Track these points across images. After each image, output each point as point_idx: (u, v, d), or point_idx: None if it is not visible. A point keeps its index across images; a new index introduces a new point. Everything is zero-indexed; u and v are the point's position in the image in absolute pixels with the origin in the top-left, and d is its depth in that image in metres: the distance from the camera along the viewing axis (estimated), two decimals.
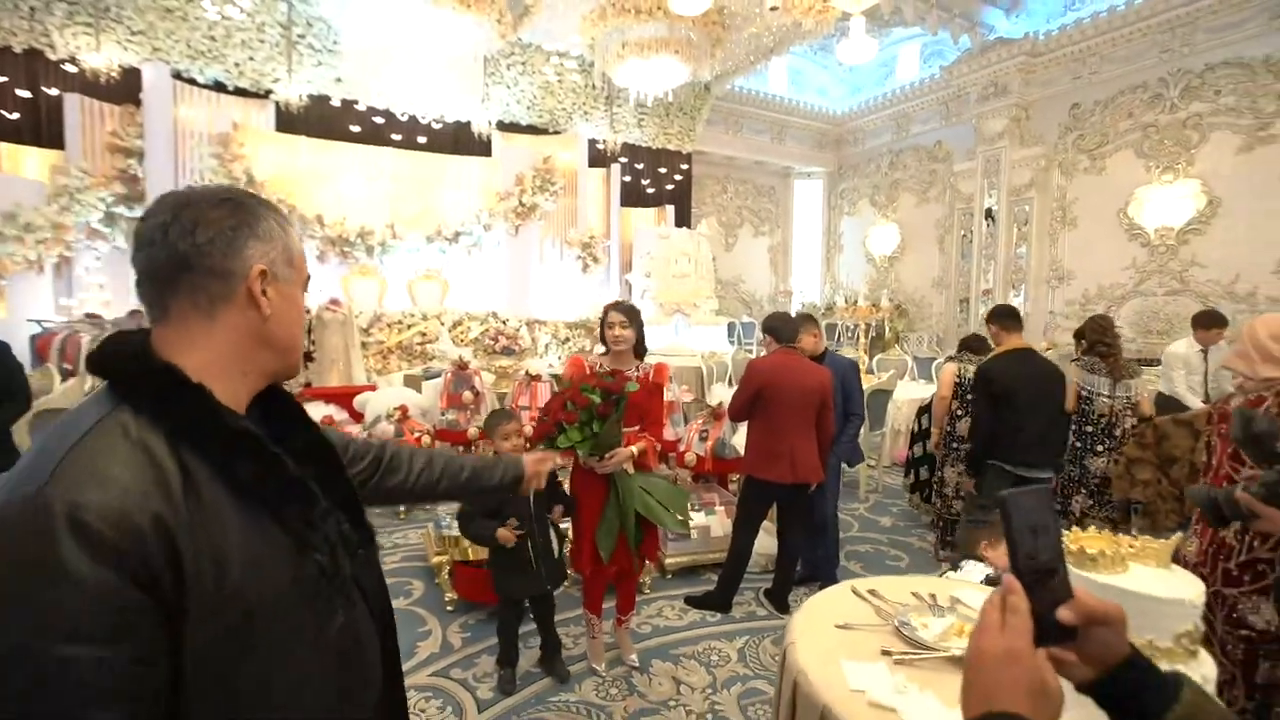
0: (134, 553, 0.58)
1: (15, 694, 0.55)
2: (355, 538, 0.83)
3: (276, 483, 0.71)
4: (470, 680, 2.41)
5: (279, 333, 0.77)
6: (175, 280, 0.71)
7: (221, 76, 7.44)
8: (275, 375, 0.80)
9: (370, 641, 0.82)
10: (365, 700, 0.81)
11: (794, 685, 1.27)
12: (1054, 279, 9.44)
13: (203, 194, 0.75)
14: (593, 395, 2.26)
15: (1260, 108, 7.34)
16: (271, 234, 0.76)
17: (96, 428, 0.64)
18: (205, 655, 0.62)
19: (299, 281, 0.80)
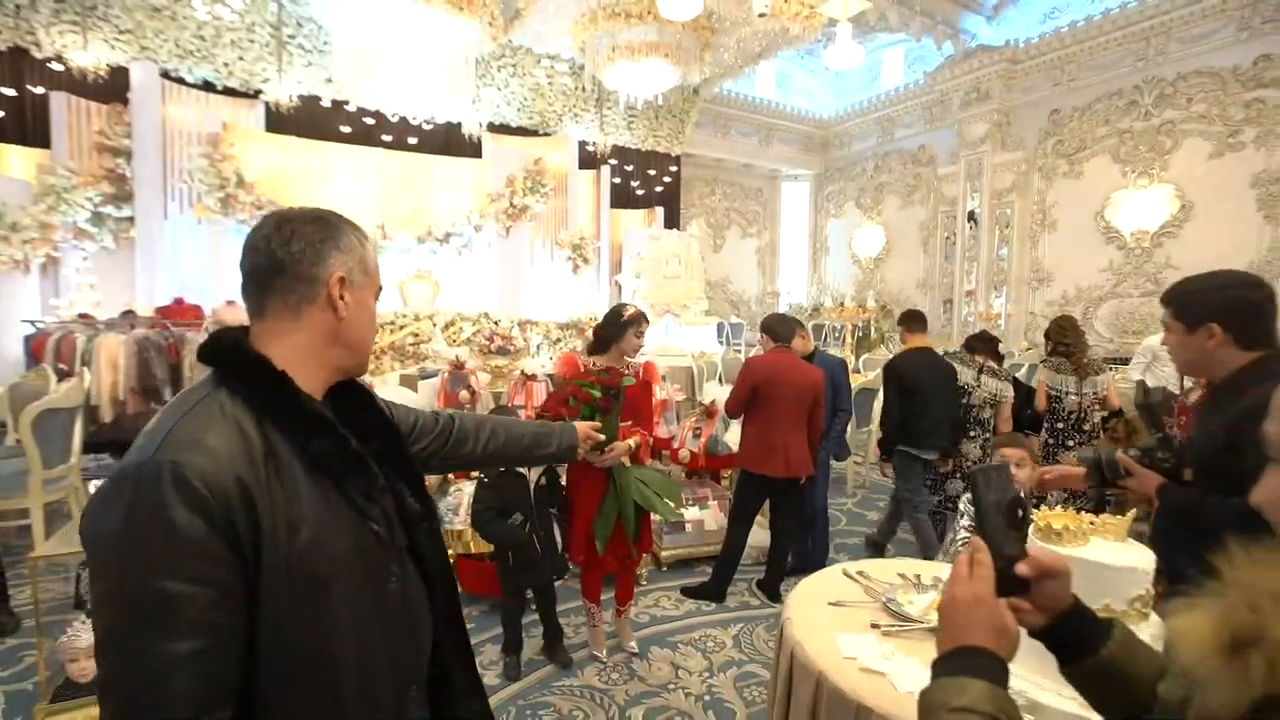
0: (220, 505, 0.70)
1: (125, 612, 0.68)
2: (418, 510, 0.94)
3: (342, 460, 0.82)
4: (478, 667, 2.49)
5: (351, 333, 0.88)
6: (271, 282, 0.85)
7: (211, 76, 7.42)
8: (347, 370, 0.91)
9: (419, 607, 0.91)
10: (417, 667, 0.91)
11: (791, 655, 1.38)
12: (1034, 280, 9.67)
13: (299, 213, 0.90)
14: (593, 390, 2.35)
15: (1229, 115, 7.60)
16: (351, 247, 0.89)
17: (199, 405, 0.77)
18: (278, 605, 0.73)
19: (372, 288, 0.92)
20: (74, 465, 3.81)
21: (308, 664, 0.75)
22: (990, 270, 9.97)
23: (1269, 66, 7.26)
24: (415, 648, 0.91)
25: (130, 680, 0.67)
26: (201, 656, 0.68)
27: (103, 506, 0.71)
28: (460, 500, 3.44)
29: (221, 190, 7.25)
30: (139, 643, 0.67)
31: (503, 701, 2.29)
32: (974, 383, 3.70)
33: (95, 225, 6.80)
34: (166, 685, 0.66)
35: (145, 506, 0.68)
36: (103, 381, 4.97)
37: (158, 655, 0.66)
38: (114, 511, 0.69)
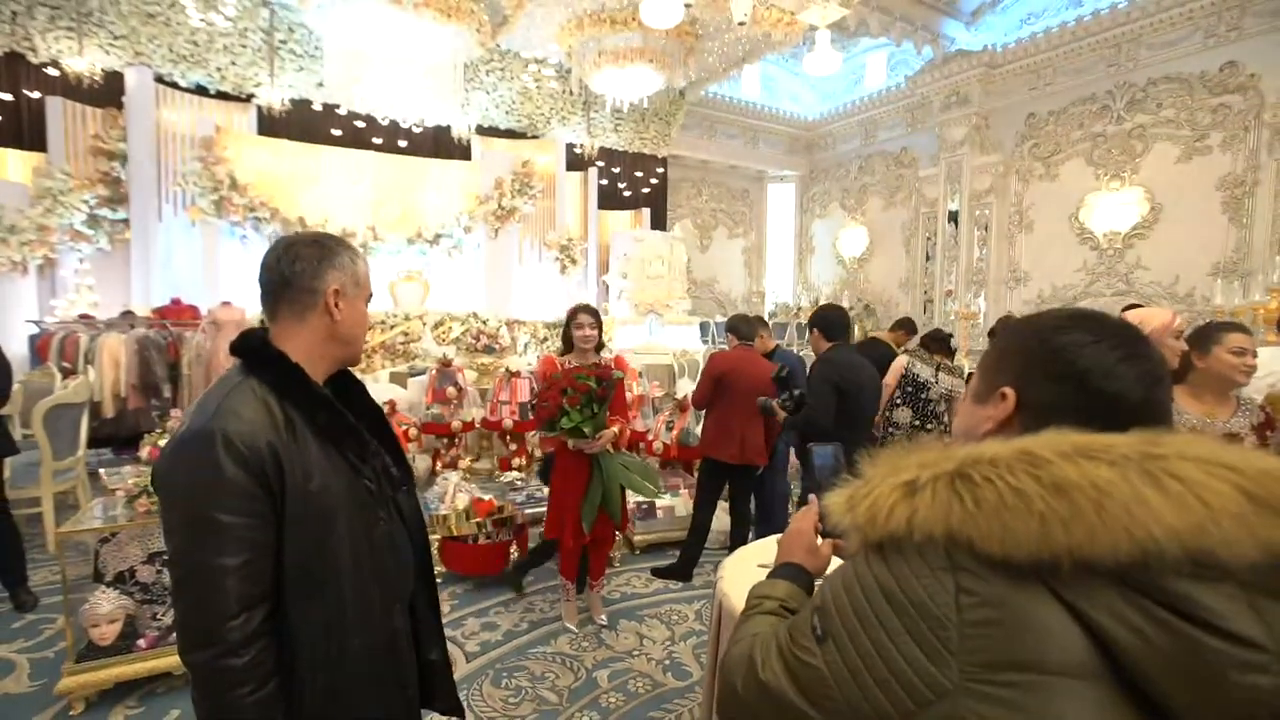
0: (255, 461, 0.96)
1: (194, 539, 0.95)
2: (399, 475, 1.20)
3: (340, 429, 1.08)
4: (459, 638, 2.69)
5: (346, 332, 1.13)
6: (281, 294, 1.10)
7: (204, 80, 7.58)
8: (343, 361, 1.17)
9: (405, 549, 1.19)
10: (400, 588, 1.17)
11: (719, 606, 1.58)
12: (1012, 280, 9.91)
13: (304, 237, 1.14)
14: (590, 381, 2.57)
15: (1197, 120, 7.86)
16: (344, 265, 1.13)
17: (237, 388, 1.03)
18: (300, 526, 0.99)
19: (362, 296, 1.17)
20: (80, 458, 4.00)
21: (319, 571, 1.01)
22: (969, 270, 10.21)
23: (1234, 73, 7.52)
24: (400, 574, 1.17)
25: (196, 585, 0.94)
26: (247, 566, 0.94)
27: (173, 459, 0.99)
28: (446, 489, 3.63)
29: (215, 193, 7.41)
30: (201, 556, 0.93)
31: (481, 666, 2.48)
32: (932, 379, 3.88)
33: (91, 228, 6.95)
34: (222, 588, 0.92)
35: (204, 459, 0.95)
36: (105, 379, 5.14)
37: (215, 566, 0.92)
38: (182, 463, 0.97)
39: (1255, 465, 0.54)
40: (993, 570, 0.54)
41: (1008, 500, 0.54)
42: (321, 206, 8.25)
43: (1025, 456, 0.56)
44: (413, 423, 5.01)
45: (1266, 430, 1.91)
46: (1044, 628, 0.52)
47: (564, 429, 2.53)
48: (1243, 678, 0.50)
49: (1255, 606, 0.52)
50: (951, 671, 0.54)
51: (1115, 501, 0.52)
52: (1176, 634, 0.51)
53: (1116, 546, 0.51)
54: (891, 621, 0.57)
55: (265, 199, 7.77)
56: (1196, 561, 0.51)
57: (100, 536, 2.44)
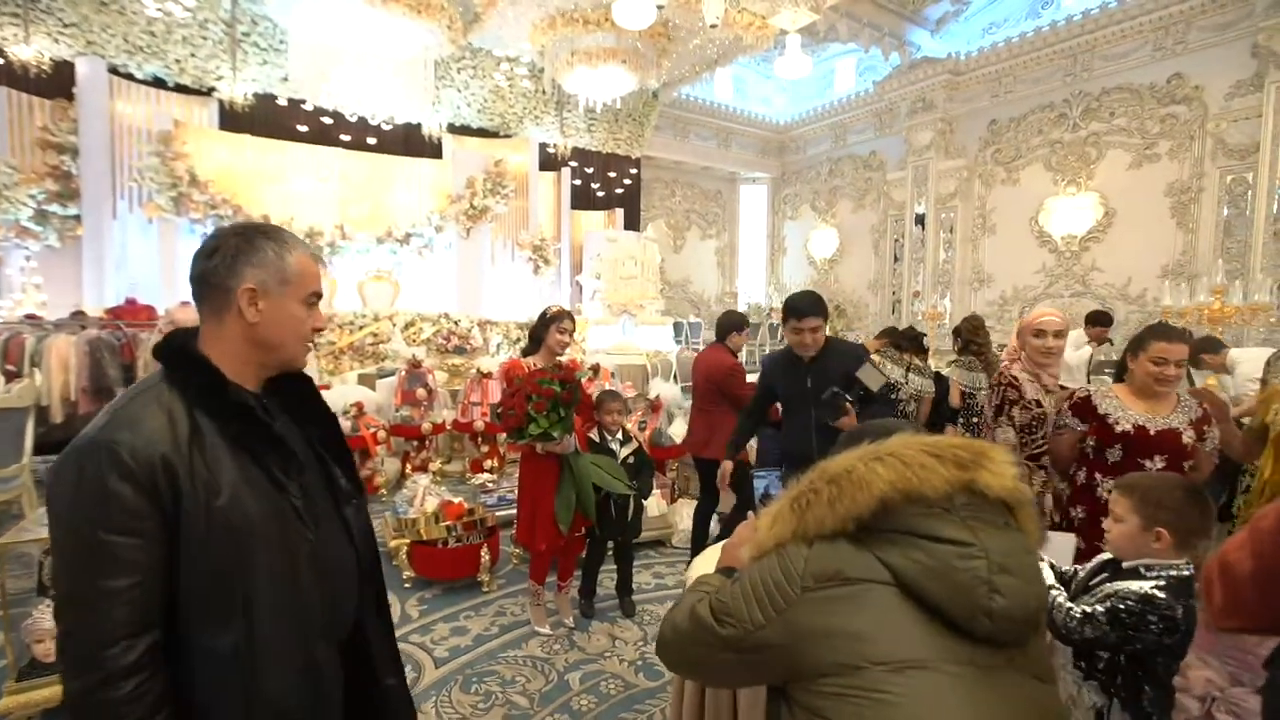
0: (145, 476, 0.88)
1: (74, 559, 0.87)
2: (348, 488, 1.12)
3: (258, 440, 0.99)
4: (428, 643, 2.65)
5: (268, 335, 1.03)
6: (200, 292, 1.02)
7: (161, 73, 7.34)
8: (277, 367, 1.07)
9: (347, 571, 1.09)
10: (334, 616, 1.07)
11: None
12: (976, 281, 10.18)
13: (233, 227, 1.04)
14: (554, 386, 2.55)
15: (1147, 129, 8.17)
16: (266, 261, 1.01)
17: (139, 395, 0.96)
18: (202, 548, 0.91)
19: (294, 296, 1.04)
20: (25, 465, 3.83)
21: (226, 597, 0.92)
22: (936, 271, 10.45)
23: (1180, 85, 7.84)
24: (329, 605, 1.05)
25: (75, 608, 0.87)
26: (132, 589, 0.86)
27: (60, 473, 0.90)
28: (415, 492, 3.59)
29: (174, 189, 7.17)
30: (85, 579, 0.86)
31: (452, 671, 2.46)
32: (902, 379, 3.94)
33: (39, 224, 6.67)
34: (103, 612, 0.85)
35: (88, 473, 0.87)
36: (53, 382, 4.94)
37: (96, 589, 0.85)
38: (67, 478, 0.89)
39: (939, 440, 0.88)
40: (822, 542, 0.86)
41: (812, 499, 0.87)
42: (287, 204, 8.05)
43: (820, 471, 0.91)
44: (381, 425, 4.93)
45: (1204, 425, 2.00)
46: (853, 561, 0.84)
47: (532, 435, 2.51)
48: (963, 564, 0.80)
49: (968, 525, 0.83)
50: (795, 587, 0.84)
51: (859, 475, 0.85)
52: (921, 549, 0.81)
53: (867, 502, 0.83)
54: (771, 569, 0.87)
55: (227, 196, 7.55)
56: (920, 503, 0.83)
57: (44, 548, 2.34)
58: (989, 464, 0.85)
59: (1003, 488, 0.85)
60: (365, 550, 1.13)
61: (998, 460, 0.86)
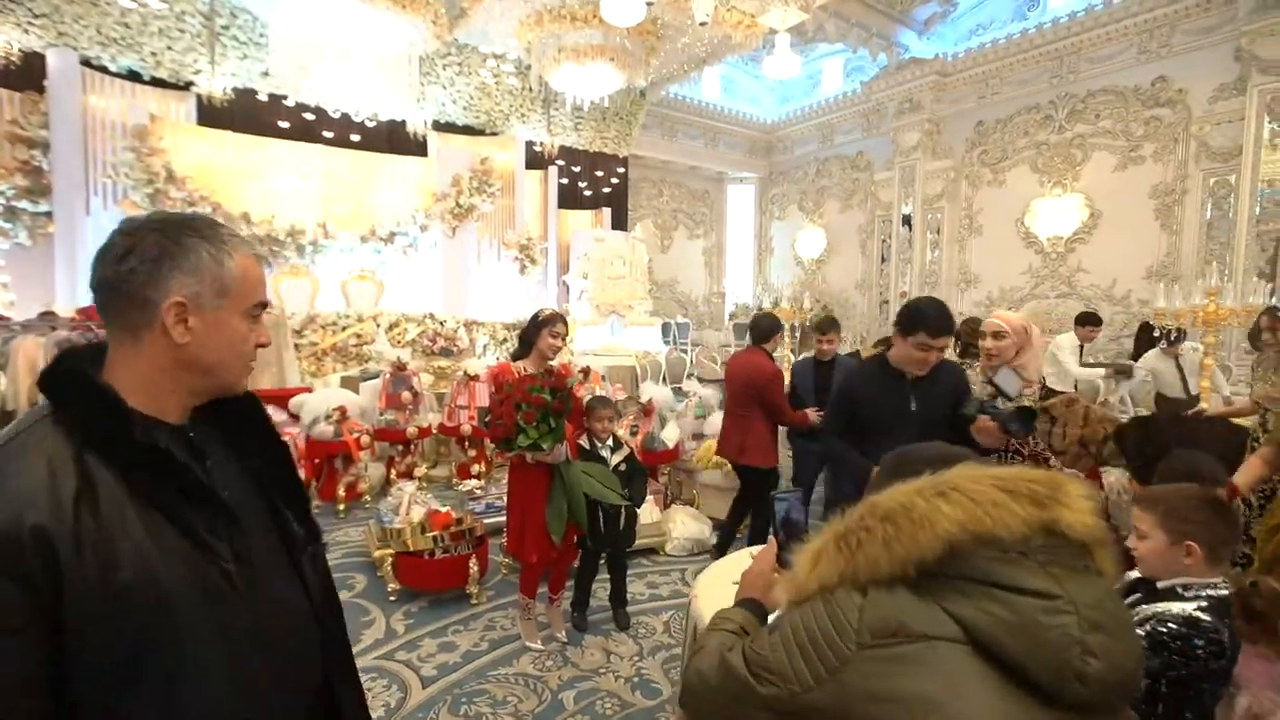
0: (9, 553, 0.66)
1: None
2: (302, 534, 0.92)
3: (175, 492, 0.76)
4: (414, 661, 2.56)
5: (204, 357, 0.81)
6: (105, 302, 0.79)
7: (136, 66, 7.12)
8: (207, 393, 0.86)
9: (301, 632, 0.88)
10: (294, 680, 0.88)
11: (694, 629, 1.52)
12: (963, 282, 10.23)
13: (145, 221, 0.81)
14: (544, 394, 2.45)
15: (1131, 131, 8.24)
16: (199, 266, 0.79)
17: (14, 441, 0.73)
18: (101, 636, 0.69)
19: (236, 308, 0.83)
20: None
21: (137, 692, 0.72)
22: (923, 272, 10.48)
23: (1164, 87, 7.91)
24: (278, 681, 0.84)
25: None
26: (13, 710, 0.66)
27: None
28: (401, 500, 3.49)
29: (150, 185, 6.98)
30: None
31: (440, 691, 2.37)
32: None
33: (8, 221, 6.45)
34: None
35: None
36: (20, 385, 4.76)
37: None
38: None
39: (1010, 472, 0.77)
40: (878, 589, 0.74)
41: (864, 538, 0.77)
42: (267, 201, 7.88)
43: (870, 506, 0.79)
44: (365, 429, 4.81)
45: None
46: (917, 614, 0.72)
47: (522, 446, 2.42)
48: (1050, 620, 0.69)
49: (1049, 573, 0.72)
50: (850, 642, 0.73)
51: (920, 513, 0.74)
52: (998, 600, 0.70)
53: (931, 544, 0.72)
54: (818, 619, 0.76)
55: (206, 193, 7.37)
56: (993, 545, 0.72)
57: None
58: (1067, 500, 0.75)
59: (1084, 527, 0.74)
60: (326, 608, 0.94)
61: (1074, 494, 0.76)
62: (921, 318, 2.10)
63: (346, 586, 3.26)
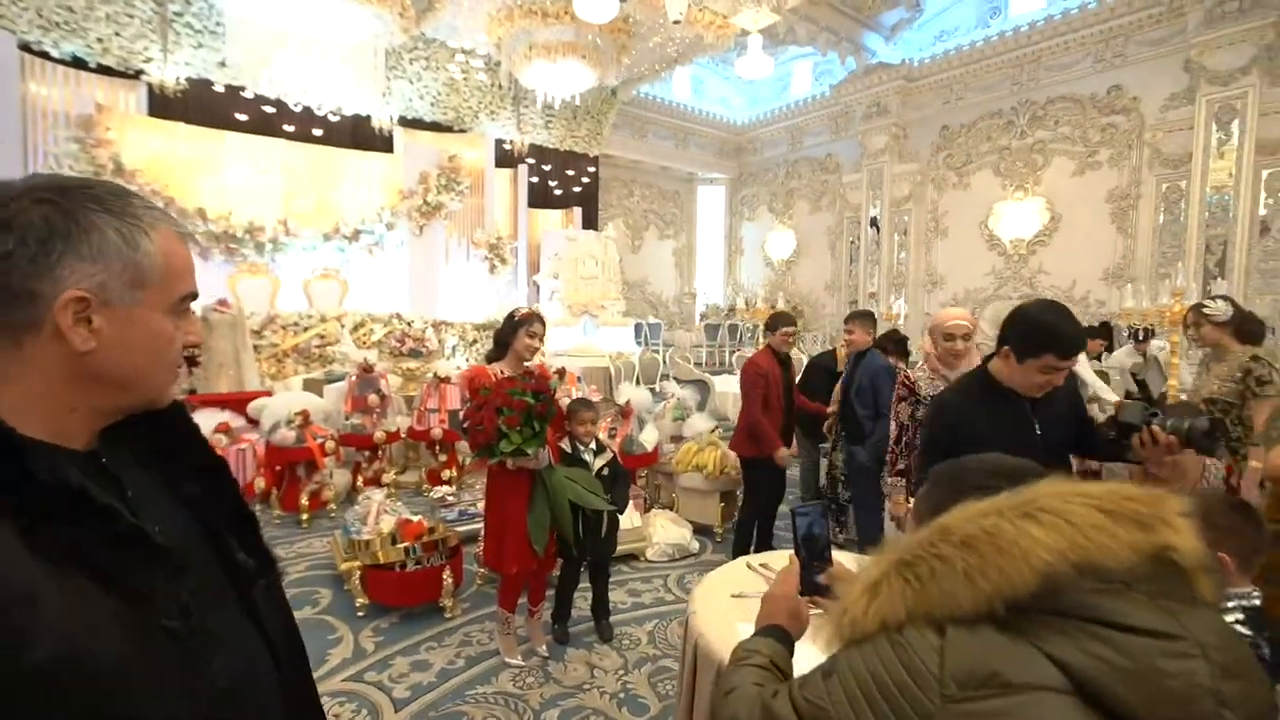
0: None
1: None
2: (251, 566, 0.76)
3: (98, 544, 0.58)
4: (385, 681, 2.43)
5: (115, 367, 0.63)
6: None
7: (81, 52, 6.74)
8: (123, 410, 0.68)
9: (259, 679, 0.75)
10: None
11: (695, 647, 1.46)
12: (929, 283, 10.43)
13: (27, 188, 0.61)
14: (526, 397, 2.35)
15: (1089, 138, 8.51)
16: (107, 249, 0.62)
17: None
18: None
19: (158, 303, 0.66)
20: None
21: None
22: (891, 273, 10.65)
23: (1119, 96, 8.18)
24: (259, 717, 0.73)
25: None
26: None
27: None
28: (369, 509, 3.33)
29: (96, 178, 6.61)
30: None
31: (414, 714, 2.25)
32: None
33: None
34: None
35: None
36: None
37: None
38: None
39: (1102, 488, 0.67)
40: (959, 628, 0.64)
41: (937, 568, 0.66)
42: (224, 196, 7.56)
43: (941, 531, 0.69)
44: (330, 435, 4.62)
45: None
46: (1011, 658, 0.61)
47: (505, 453, 2.32)
48: (1173, 665, 0.59)
49: (1162, 607, 0.62)
50: (933, 694, 0.62)
51: (1006, 539, 0.64)
52: (1106, 641, 0.60)
53: (1024, 576, 0.62)
54: (889, 664, 0.66)
55: (159, 187, 7.02)
56: (1094, 576, 0.62)
57: None
58: (1173, 520, 0.65)
59: (1195, 552, 0.64)
60: (286, 647, 0.79)
61: (1176, 513, 0.65)
62: (1055, 338, 1.63)
63: (311, 602, 3.10)
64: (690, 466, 4.08)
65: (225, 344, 5.82)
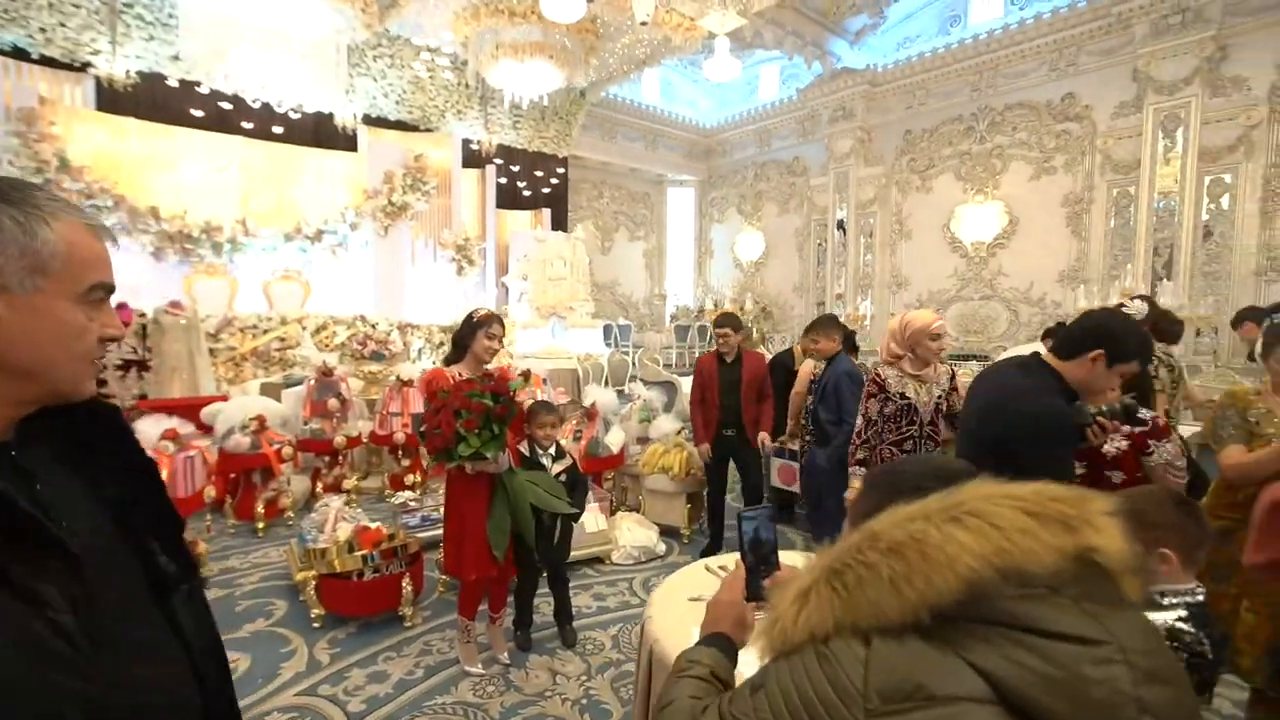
0: None
1: None
2: (172, 570, 0.75)
3: None
4: (340, 695, 2.36)
5: (16, 356, 0.64)
6: None
7: (22, 42, 6.45)
8: (33, 402, 0.68)
9: (175, 689, 0.72)
10: None
11: (650, 652, 1.44)
12: (895, 285, 10.63)
13: None
14: (485, 400, 2.30)
15: (1044, 144, 8.77)
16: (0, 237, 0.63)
17: None
18: None
19: (62, 292, 0.65)
20: None
21: None
22: (857, 275, 10.83)
23: (1073, 103, 8.46)
24: None
25: None
26: None
27: None
28: (326, 516, 3.24)
29: (39, 175, 6.33)
30: None
31: None
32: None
33: None
34: None
35: None
36: None
37: None
38: None
39: (1031, 489, 0.65)
40: (885, 639, 0.62)
41: (864, 576, 0.64)
42: (179, 195, 7.30)
43: (869, 536, 0.67)
44: (287, 440, 4.49)
45: (1151, 439, 2.00)
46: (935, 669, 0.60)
47: (463, 456, 2.27)
48: (1096, 671, 0.58)
49: (1087, 611, 0.61)
50: (857, 709, 0.61)
51: (932, 545, 0.62)
52: (1031, 649, 0.58)
53: (950, 584, 0.60)
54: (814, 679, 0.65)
55: (108, 184, 6.75)
56: (1019, 581, 0.60)
57: None
58: (1097, 521, 0.63)
59: (1120, 553, 0.63)
60: (207, 659, 0.77)
61: (1101, 514, 0.64)
62: (1144, 344, 1.78)
63: (265, 614, 3.00)
64: (656, 468, 4.07)
65: (179, 347, 5.61)
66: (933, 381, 2.59)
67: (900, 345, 2.59)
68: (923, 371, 2.57)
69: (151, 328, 5.49)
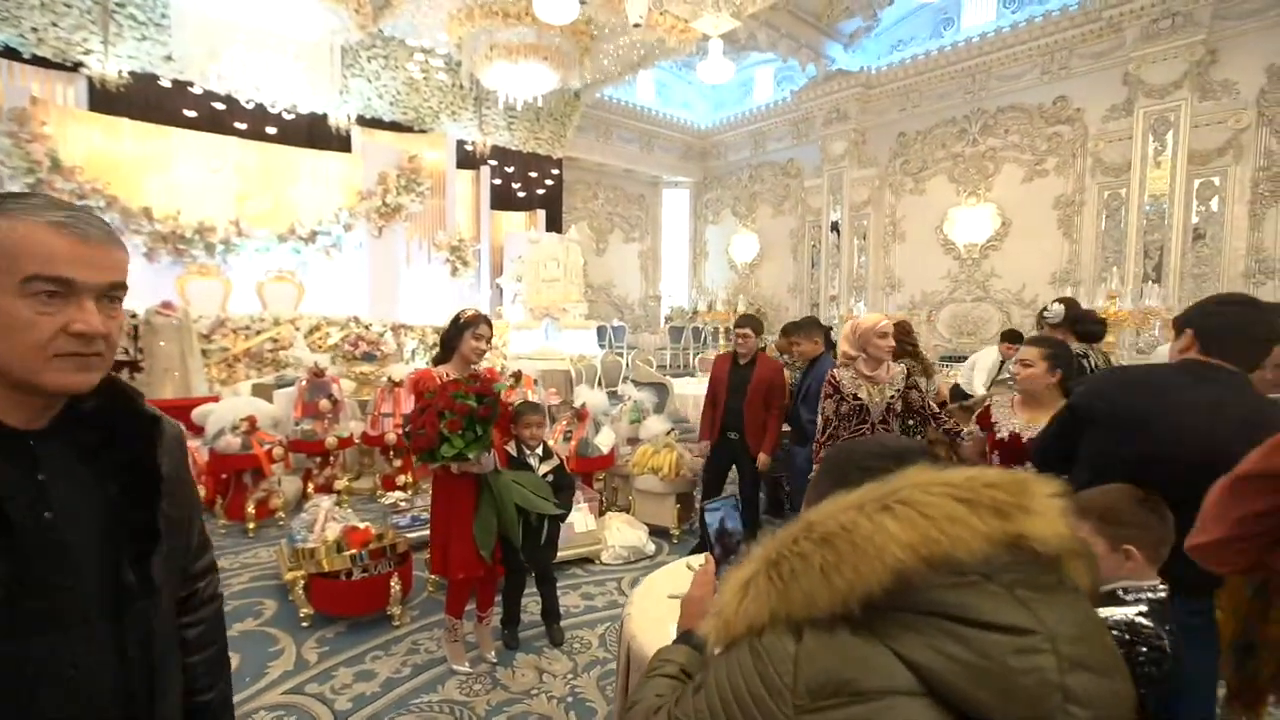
0: None
1: None
2: (131, 582, 0.74)
3: None
4: (327, 694, 2.37)
5: None
6: None
7: (14, 42, 6.44)
8: (15, 390, 0.69)
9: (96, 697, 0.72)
10: None
11: (628, 649, 1.46)
12: (888, 286, 10.65)
13: None
14: (469, 400, 2.31)
15: (1036, 146, 8.81)
16: None
17: None
18: None
19: (4, 285, 0.66)
20: None
21: None
22: (851, 276, 10.86)
23: (1065, 106, 8.50)
24: None
25: None
26: None
27: None
28: (316, 516, 3.25)
29: (31, 175, 6.33)
30: None
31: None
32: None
33: None
34: None
35: None
36: None
37: None
38: None
39: (965, 476, 0.64)
40: (815, 631, 0.62)
41: (797, 567, 0.64)
42: (172, 196, 7.31)
43: (805, 526, 0.66)
44: (278, 441, 4.49)
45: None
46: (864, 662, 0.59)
47: (446, 457, 2.28)
48: (1022, 661, 0.57)
49: (1019, 598, 0.60)
50: (785, 706, 0.60)
51: (862, 535, 0.61)
52: (959, 639, 0.58)
53: (878, 574, 0.59)
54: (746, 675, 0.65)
55: (100, 185, 6.75)
56: (948, 569, 0.59)
57: None
58: (1035, 505, 0.62)
59: (1057, 537, 0.62)
60: (141, 678, 0.75)
61: (1042, 496, 0.63)
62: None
63: (254, 614, 3.00)
64: (646, 469, 4.09)
65: (170, 348, 5.61)
66: (885, 382, 2.74)
67: (853, 347, 2.73)
68: (875, 372, 2.72)
69: (143, 328, 5.48)
